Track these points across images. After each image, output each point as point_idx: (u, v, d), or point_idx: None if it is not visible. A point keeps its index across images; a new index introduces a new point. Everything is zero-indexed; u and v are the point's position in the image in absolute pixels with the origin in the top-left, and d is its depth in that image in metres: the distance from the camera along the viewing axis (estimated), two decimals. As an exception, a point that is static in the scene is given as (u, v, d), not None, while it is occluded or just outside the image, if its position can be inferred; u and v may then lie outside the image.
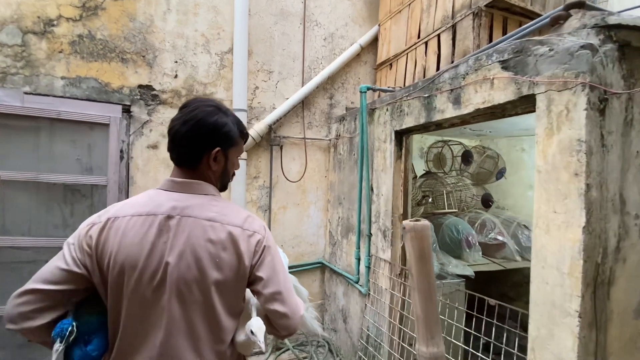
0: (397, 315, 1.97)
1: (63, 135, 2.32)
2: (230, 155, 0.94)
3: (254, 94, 2.86)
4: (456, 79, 1.51)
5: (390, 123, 2.08)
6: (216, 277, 0.83)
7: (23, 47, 2.24)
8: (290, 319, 0.88)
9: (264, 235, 0.90)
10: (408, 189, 2.04)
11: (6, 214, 2.21)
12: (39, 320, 0.78)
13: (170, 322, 0.82)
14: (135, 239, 0.81)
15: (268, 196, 2.91)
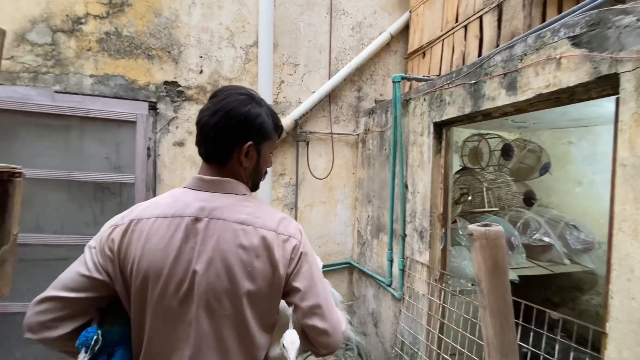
0: (437, 323, 1.82)
1: (92, 133, 2.32)
2: (263, 150, 0.84)
3: (280, 88, 2.77)
4: (511, 61, 1.33)
5: (428, 114, 1.92)
6: (248, 287, 0.73)
7: (53, 45, 2.26)
8: (331, 336, 0.78)
9: (300, 240, 0.80)
10: (449, 186, 1.87)
11: (40, 212, 2.25)
12: (59, 330, 0.72)
13: (199, 337, 0.73)
14: (160, 244, 0.73)
15: (294, 194, 2.82)
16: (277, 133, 0.88)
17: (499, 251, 0.66)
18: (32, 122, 2.20)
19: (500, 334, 0.65)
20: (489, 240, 0.67)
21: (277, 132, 0.87)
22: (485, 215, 2.82)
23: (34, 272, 2.21)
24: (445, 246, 1.89)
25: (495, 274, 0.66)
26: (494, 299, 0.66)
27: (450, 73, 1.77)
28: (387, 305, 2.40)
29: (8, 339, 2.20)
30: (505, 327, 0.65)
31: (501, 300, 0.65)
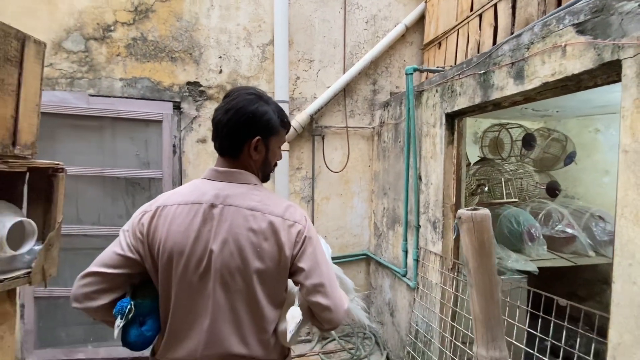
0: (449, 311, 1.85)
1: (123, 132, 2.51)
2: (271, 144, 0.93)
3: (295, 85, 2.84)
4: (518, 51, 1.32)
5: (440, 105, 1.93)
6: (258, 266, 0.83)
7: (86, 52, 2.45)
8: (333, 312, 0.85)
9: (304, 225, 0.88)
10: (461, 176, 1.87)
11: (79, 206, 2.47)
12: (99, 300, 0.84)
13: (216, 309, 0.83)
14: (182, 227, 0.83)
15: (311, 187, 2.90)
16: (285, 128, 0.96)
17: (484, 233, 0.71)
18: (70, 123, 2.41)
19: (485, 309, 0.70)
20: (476, 223, 0.71)
21: (284, 128, 0.96)
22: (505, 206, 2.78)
23: (75, 260, 2.44)
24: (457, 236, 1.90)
25: (481, 254, 0.71)
26: (480, 277, 0.71)
27: (461, 64, 1.77)
28: (402, 294, 2.44)
29: (54, 320, 2.45)
30: (490, 303, 0.70)
31: (486, 278, 0.70)
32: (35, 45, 1.15)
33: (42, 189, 1.25)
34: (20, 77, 1.10)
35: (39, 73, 1.17)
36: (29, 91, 1.13)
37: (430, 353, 1.98)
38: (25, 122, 1.13)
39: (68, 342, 2.46)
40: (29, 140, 1.16)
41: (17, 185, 1.25)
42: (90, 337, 2.49)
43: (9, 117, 1.07)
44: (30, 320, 2.37)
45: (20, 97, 1.10)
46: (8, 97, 1.06)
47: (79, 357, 2.41)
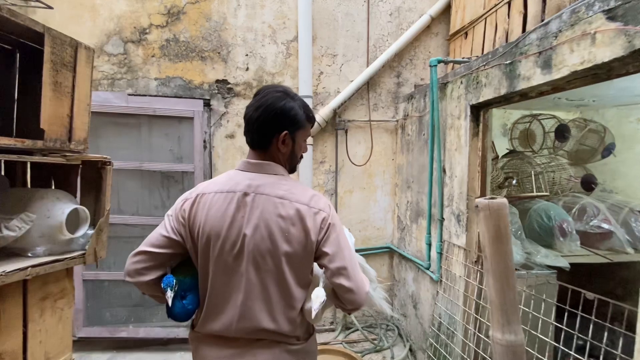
0: (473, 304, 1.84)
1: (158, 129, 2.68)
2: (298, 138, 0.99)
3: (319, 80, 2.89)
4: (546, 39, 1.29)
5: (465, 97, 1.90)
6: (286, 249, 0.91)
7: (125, 55, 2.63)
8: (356, 293, 0.91)
9: (329, 213, 0.95)
10: (487, 169, 1.85)
11: (120, 197, 2.68)
12: (148, 276, 0.95)
13: (248, 286, 0.93)
14: (218, 213, 0.92)
15: (334, 180, 2.95)
16: (310, 123, 1.03)
17: (501, 220, 0.73)
18: (112, 121, 2.61)
19: (501, 294, 0.72)
20: (492, 211, 0.74)
21: (310, 122, 1.02)
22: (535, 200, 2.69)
23: (117, 247, 2.66)
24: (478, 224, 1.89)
25: (497, 241, 0.73)
26: (496, 262, 0.73)
27: (486, 54, 1.74)
28: (425, 287, 2.45)
29: (100, 301, 2.68)
30: (505, 288, 0.72)
31: (502, 263, 0.72)
32: (85, 51, 1.27)
33: (92, 181, 1.40)
34: (74, 80, 1.23)
35: (89, 76, 1.30)
36: (81, 93, 1.26)
37: (453, 345, 1.99)
38: (79, 120, 1.27)
39: (112, 321, 2.69)
40: (81, 136, 1.30)
41: (71, 177, 1.40)
42: (132, 317, 2.71)
43: (65, 116, 1.21)
44: (79, 300, 2.62)
45: (74, 98, 1.23)
46: (65, 99, 1.19)
47: (122, 335, 2.63)
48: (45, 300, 1.16)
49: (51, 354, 1.18)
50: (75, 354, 2.66)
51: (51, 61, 1.12)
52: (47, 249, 1.18)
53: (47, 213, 1.15)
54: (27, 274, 1.03)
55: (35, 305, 1.12)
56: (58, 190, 1.28)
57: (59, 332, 1.21)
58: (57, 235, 1.17)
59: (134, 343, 2.67)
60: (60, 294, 1.22)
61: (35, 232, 1.14)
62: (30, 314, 1.10)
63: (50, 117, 1.14)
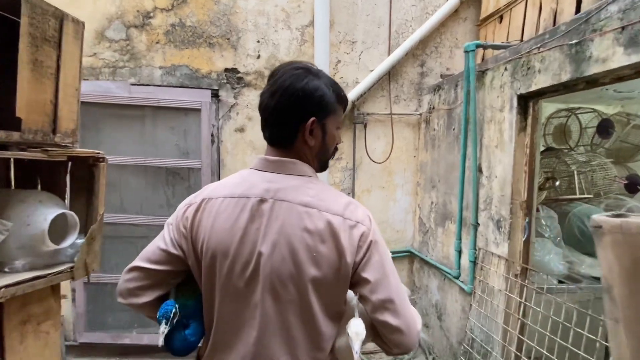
0: (518, 323, 1.62)
1: (163, 121, 2.48)
2: (329, 125, 0.77)
3: (336, 69, 2.66)
4: (632, 11, 1.05)
5: (510, 86, 1.66)
6: (314, 274, 0.69)
7: (127, 41, 2.43)
8: (405, 335, 0.70)
9: (369, 227, 0.72)
10: (535, 169, 1.61)
11: (123, 195, 2.50)
12: (143, 297, 0.78)
13: (264, 321, 0.71)
14: (227, 224, 0.72)
15: (351, 178, 2.73)
16: (342, 105, 0.80)
17: (644, 250, 0.51)
18: (113, 113, 2.42)
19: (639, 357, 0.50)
20: (627, 235, 0.51)
21: (342, 105, 0.80)
22: (575, 203, 2.44)
23: (120, 248, 2.49)
24: (528, 238, 1.66)
25: (636, 279, 0.51)
26: (633, 311, 0.51)
27: (542, 34, 1.49)
28: (453, 298, 2.23)
29: (102, 305, 2.52)
30: (651, 350, 0.50)
31: (646, 314, 0.50)
32: (73, 24, 1.07)
33: (84, 180, 1.20)
34: (59, 59, 1.02)
35: (78, 55, 1.09)
36: (68, 74, 1.06)
37: (488, 365, 1.78)
38: (66, 108, 1.07)
39: (115, 326, 2.53)
40: (69, 127, 1.10)
41: (59, 175, 1.20)
42: (135, 323, 2.55)
43: (48, 102, 1.00)
44: (80, 303, 2.46)
45: (59, 80, 1.03)
46: (47, 81, 0.99)
47: (125, 342, 2.47)
48: (26, 324, 0.97)
49: (34, 387, 0.99)
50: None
51: (29, 34, 0.92)
52: (28, 262, 0.98)
53: (26, 220, 0.96)
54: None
55: (14, 330, 0.93)
56: (41, 192, 1.09)
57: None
58: (39, 246, 0.98)
59: (138, 350, 2.51)
60: (45, 315, 1.03)
61: (13, 242, 0.95)
62: (8, 341, 0.91)
63: (29, 104, 0.94)
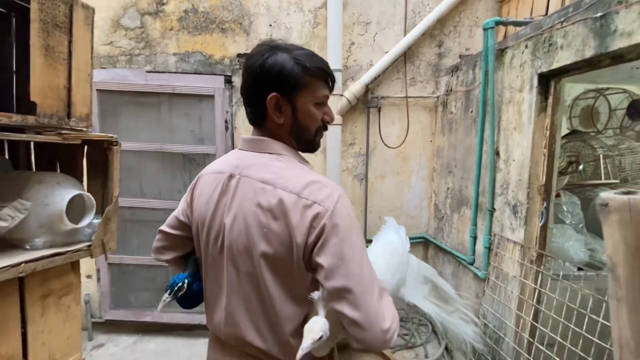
0: (531, 309, 1.58)
1: (178, 108, 2.52)
2: (299, 101, 0.73)
3: (349, 51, 2.60)
4: (668, -25, 0.96)
5: (531, 64, 1.57)
6: (264, 249, 0.69)
7: (142, 28, 2.46)
8: (365, 330, 0.63)
9: (328, 209, 0.66)
10: (555, 152, 1.54)
11: (142, 180, 2.58)
12: (165, 255, 0.93)
13: (230, 288, 0.76)
14: (206, 197, 0.79)
15: (364, 164, 2.70)
16: (318, 79, 0.74)
17: (656, 229, 0.47)
18: (131, 100, 2.48)
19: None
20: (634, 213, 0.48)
21: (317, 78, 0.73)
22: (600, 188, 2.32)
23: (140, 231, 2.59)
24: (546, 223, 1.60)
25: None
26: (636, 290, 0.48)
27: (564, 8, 1.39)
28: (467, 284, 2.19)
29: (125, 285, 2.65)
30: (660, 332, 0.47)
31: (656, 295, 0.47)
32: (83, 10, 1.09)
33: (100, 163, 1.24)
34: (70, 44, 1.05)
35: (89, 40, 1.11)
36: (80, 60, 1.08)
37: (501, 351, 1.75)
38: (79, 93, 1.10)
39: (137, 305, 2.66)
40: (83, 112, 1.13)
41: (77, 159, 1.25)
42: (156, 302, 2.67)
43: (62, 87, 1.04)
44: (105, 283, 2.60)
45: (72, 66, 1.06)
46: (60, 66, 1.02)
47: (146, 319, 2.60)
48: (47, 298, 1.03)
49: (57, 356, 1.07)
50: (104, 336, 2.68)
51: (40, 20, 0.94)
52: (48, 240, 1.04)
53: (44, 200, 1.01)
54: (20, 270, 0.89)
55: (35, 304, 1.00)
56: (59, 174, 1.13)
57: (65, 332, 1.09)
58: (58, 225, 1.03)
59: (159, 327, 2.64)
60: (65, 290, 1.09)
61: (34, 221, 1.00)
62: (30, 313, 0.98)
63: (43, 88, 0.97)
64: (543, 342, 1.56)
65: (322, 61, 0.75)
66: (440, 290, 1.15)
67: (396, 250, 0.90)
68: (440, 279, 0.94)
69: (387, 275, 0.83)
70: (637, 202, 0.49)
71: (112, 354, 2.39)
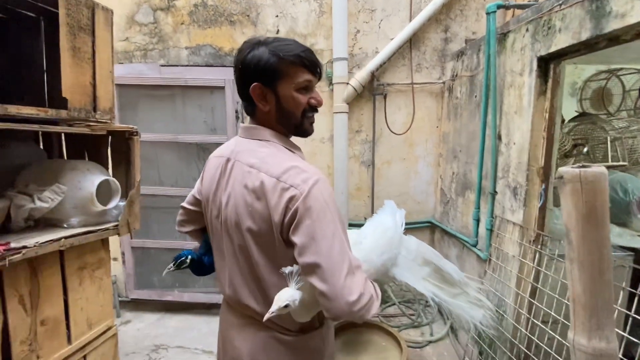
0: (528, 287, 1.65)
1: (192, 100, 2.65)
2: (281, 89, 0.79)
3: (355, 39, 2.64)
4: (656, -44, 0.97)
5: (531, 48, 1.59)
6: (249, 225, 0.78)
7: (155, 24, 2.57)
8: (331, 301, 0.69)
9: (303, 192, 0.72)
10: (554, 134, 1.56)
11: (160, 169, 2.74)
12: (185, 227, 1.06)
13: (228, 257, 0.88)
14: (209, 178, 0.91)
15: (371, 151, 2.76)
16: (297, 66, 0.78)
17: (597, 197, 0.54)
18: (147, 94, 2.61)
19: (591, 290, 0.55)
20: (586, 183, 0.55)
21: (296, 65, 0.78)
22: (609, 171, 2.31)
23: (160, 217, 2.76)
24: (544, 204, 1.64)
25: (590, 223, 0.55)
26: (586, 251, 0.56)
27: (563, -11, 1.40)
28: (470, 265, 2.26)
29: (147, 267, 2.85)
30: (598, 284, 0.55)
31: (596, 252, 0.55)
32: (103, 12, 1.19)
33: (122, 152, 1.37)
34: (94, 45, 1.16)
35: (109, 40, 1.23)
36: (102, 58, 1.20)
37: (501, 328, 1.83)
38: (102, 89, 1.22)
39: (159, 285, 2.86)
40: (107, 106, 1.26)
41: (102, 149, 1.38)
42: (177, 283, 2.86)
43: (88, 84, 1.16)
44: (129, 265, 2.80)
45: (95, 64, 1.17)
46: (85, 65, 1.14)
47: (168, 298, 2.80)
48: (83, 270, 1.18)
49: (93, 320, 1.22)
50: (130, 313, 2.91)
51: (67, 24, 1.06)
52: (82, 220, 1.18)
53: (78, 184, 1.14)
54: (60, 244, 1.03)
55: (73, 274, 1.14)
56: (89, 162, 1.27)
57: (99, 300, 1.24)
58: (89, 206, 1.17)
59: (180, 306, 2.83)
60: (98, 264, 1.24)
61: (69, 203, 1.14)
62: (70, 282, 1.13)
63: (72, 86, 1.09)
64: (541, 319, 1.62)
65: (299, 48, 0.78)
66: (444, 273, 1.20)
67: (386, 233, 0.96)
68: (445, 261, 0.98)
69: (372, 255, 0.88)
70: (587, 174, 0.57)
71: (138, 329, 2.60)
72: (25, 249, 0.93)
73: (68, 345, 1.13)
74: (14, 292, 0.96)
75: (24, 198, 1.06)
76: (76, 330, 1.16)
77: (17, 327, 0.97)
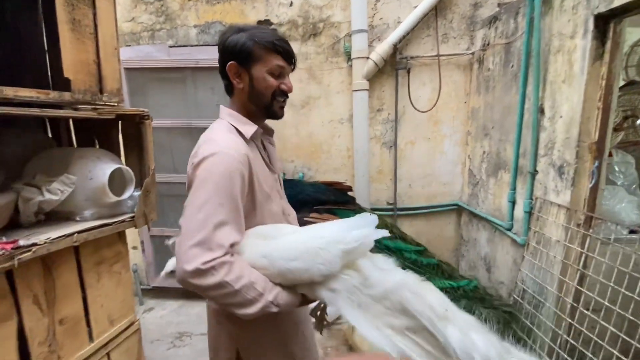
0: (577, 274, 1.51)
1: (203, 82, 2.51)
2: (254, 70, 0.85)
3: (375, 9, 2.43)
4: None
5: (586, 5, 1.38)
6: None
7: (161, 1, 2.42)
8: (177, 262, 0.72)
9: (198, 163, 0.77)
10: (612, 105, 1.38)
11: (174, 156, 2.66)
12: None
13: None
14: None
15: (393, 131, 2.60)
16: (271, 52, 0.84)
17: None
18: (156, 77, 2.50)
19: None
20: None
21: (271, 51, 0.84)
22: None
23: (176, 205, 2.70)
24: (597, 184, 1.47)
25: None
26: None
27: None
28: (504, 250, 2.12)
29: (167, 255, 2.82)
30: None
31: None
32: (103, -20, 1.06)
33: (134, 139, 1.27)
34: (95, 17, 1.04)
35: (112, 13, 1.10)
36: (105, 33, 1.08)
37: (540, 316, 1.71)
38: (108, 67, 1.10)
39: (180, 274, 2.84)
40: (114, 87, 1.14)
41: (113, 135, 1.28)
42: (196, 271, 2.83)
43: (91, 62, 1.04)
44: (149, 254, 2.78)
45: (98, 40, 1.05)
46: (87, 40, 1.02)
47: (189, 287, 2.78)
48: (100, 265, 1.11)
49: (114, 316, 1.16)
50: (152, 301, 2.92)
51: (64, -7, 0.93)
52: (95, 212, 1.10)
53: (88, 174, 1.05)
54: (74, 240, 0.95)
55: (90, 270, 1.07)
56: (98, 149, 1.17)
57: (119, 296, 1.17)
58: (102, 197, 1.08)
59: (200, 294, 2.81)
60: (115, 257, 1.17)
61: (80, 195, 1.05)
62: (87, 279, 1.06)
63: (74, 64, 0.98)
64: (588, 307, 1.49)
65: (274, 36, 0.84)
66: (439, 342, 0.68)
67: (312, 241, 0.74)
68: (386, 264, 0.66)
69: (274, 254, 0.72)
70: None
71: (161, 316, 2.60)
72: (35, 247, 0.85)
73: (90, 344, 1.08)
74: (28, 292, 0.89)
75: (31, 190, 0.97)
76: (97, 327, 1.10)
77: (34, 328, 0.91)
